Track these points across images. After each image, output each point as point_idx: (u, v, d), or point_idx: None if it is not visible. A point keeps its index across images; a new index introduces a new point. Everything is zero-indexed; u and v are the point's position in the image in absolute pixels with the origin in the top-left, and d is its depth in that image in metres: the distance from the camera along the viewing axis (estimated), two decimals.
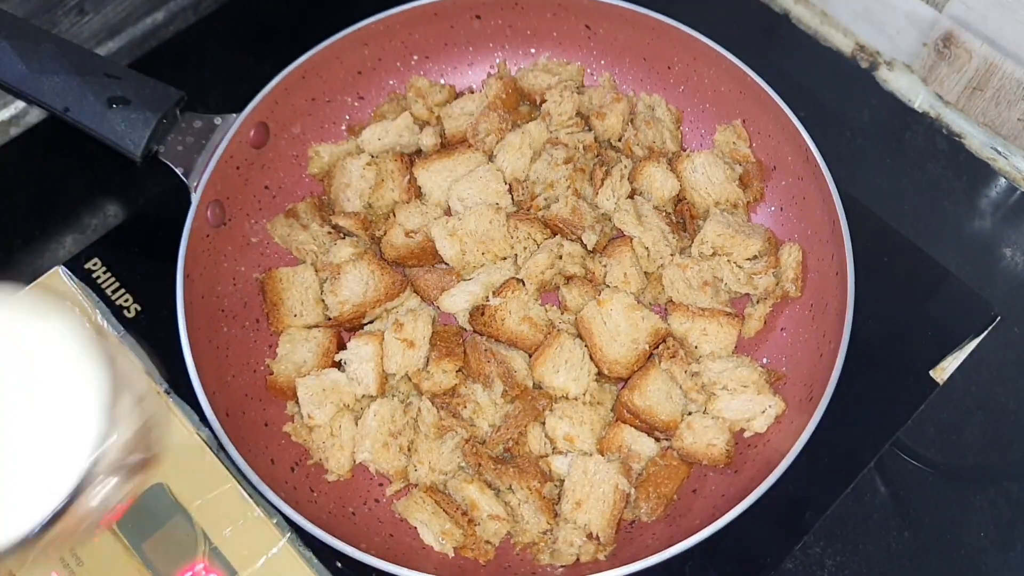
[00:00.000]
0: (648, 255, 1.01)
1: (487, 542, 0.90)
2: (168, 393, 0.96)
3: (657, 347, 0.96)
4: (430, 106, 1.10)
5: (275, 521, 0.90)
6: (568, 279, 1.00)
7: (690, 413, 0.94)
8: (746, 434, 0.93)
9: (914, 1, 1.14)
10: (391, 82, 1.14)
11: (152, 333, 0.99)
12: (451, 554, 0.89)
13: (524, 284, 0.97)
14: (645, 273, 1.01)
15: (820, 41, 1.28)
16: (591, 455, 0.90)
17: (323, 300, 0.99)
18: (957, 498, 1.02)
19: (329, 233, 1.03)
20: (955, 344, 1.03)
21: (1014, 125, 1.14)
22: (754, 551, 0.94)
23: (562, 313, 0.99)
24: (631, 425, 0.93)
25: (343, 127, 1.12)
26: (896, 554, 0.99)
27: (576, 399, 0.94)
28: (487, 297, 0.96)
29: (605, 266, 1.00)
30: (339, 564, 0.89)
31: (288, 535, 0.90)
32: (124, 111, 0.95)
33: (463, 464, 0.93)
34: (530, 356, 0.96)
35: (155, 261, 0.92)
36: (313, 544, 0.90)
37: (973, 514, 1.01)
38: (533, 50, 1.16)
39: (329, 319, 0.99)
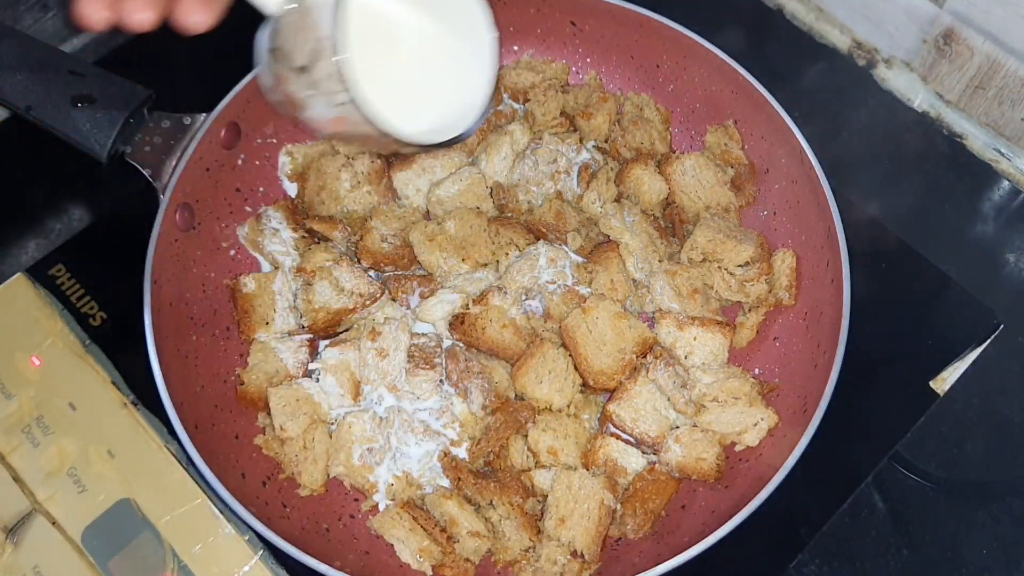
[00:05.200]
0: (635, 261, 0.99)
1: (467, 560, 0.88)
2: (135, 405, 0.95)
3: (645, 357, 0.94)
4: None
5: (247, 538, 0.90)
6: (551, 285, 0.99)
7: (679, 426, 0.92)
8: (737, 448, 0.92)
9: None
10: None
11: (118, 342, 0.98)
12: (429, 572, 0.87)
13: (505, 291, 0.96)
14: (632, 280, 1.00)
15: (816, 38, 1.28)
16: (575, 469, 0.89)
17: (296, 307, 0.98)
18: (958, 514, 1.02)
19: (303, 238, 1.02)
20: (956, 353, 1.02)
21: (1017, 125, 1.14)
22: (746, 569, 0.93)
23: (545, 321, 0.98)
24: (617, 438, 0.92)
25: None
26: (895, 572, 0.99)
27: (560, 411, 0.93)
28: (467, 305, 0.95)
29: (591, 272, 0.98)
30: None
31: (260, 552, 0.89)
32: (89, 110, 0.93)
33: (444, 478, 0.92)
34: (512, 366, 0.95)
35: (122, 267, 0.92)
36: (286, 562, 0.89)
37: (975, 531, 1.00)
38: (516, 47, 1.15)
39: (302, 327, 0.98)
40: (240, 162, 1.03)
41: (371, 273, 0.99)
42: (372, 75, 0.68)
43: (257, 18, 0.71)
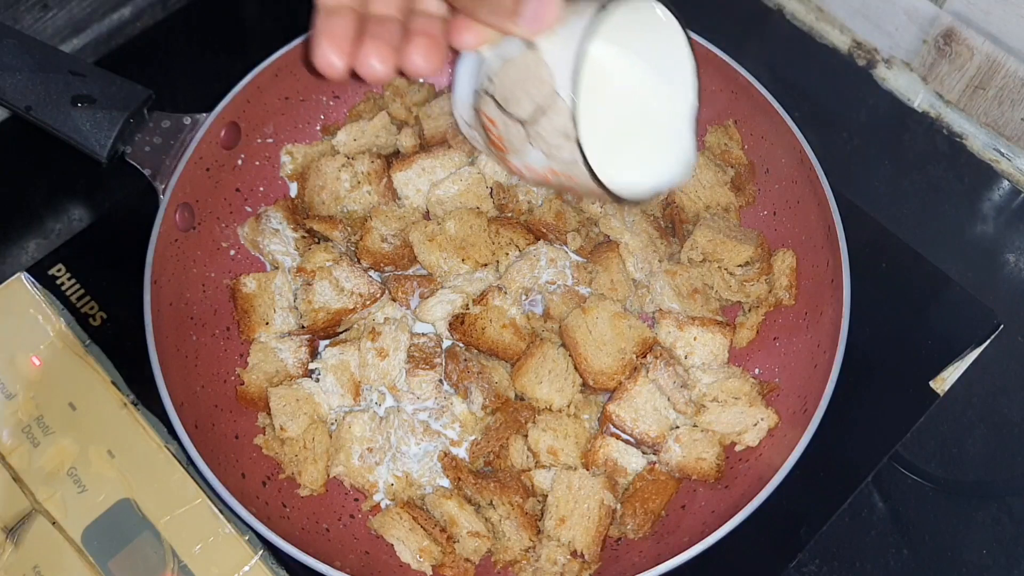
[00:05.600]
0: (635, 261, 0.99)
1: (467, 560, 0.88)
2: (135, 405, 0.94)
3: (644, 357, 0.94)
4: (408, 105, 1.08)
5: (247, 538, 0.89)
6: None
7: (679, 426, 0.92)
8: (737, 448, 0.92)
9: None
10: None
11: (118, 342, 0.98)
12: (429, 572, 0.87)
13: (505, 292, 0.96)
14: (632, 280, 1.00)
15: (815, 38, 1.27)
16: (575, 469, 0.89)
17: (296, 307, 0.98)
18: (958, 514, 1.01)
19: (303, 238, 1.01)
20: (956, 354, 1.01)
21: (1018, 125, 1.13)
22: (746, 569, 0.93)
23: (545, 321, 0.97)
24: (617, 438, 0.92)
25: (318, 127, 1.10)
26: (894, 572, 0.99)
27: (560, 411, 0.93)
28: (467, 305, 0.95)
29: (591, 272, 0.98)
30: None
31: (260, 552, 0.89)
32: (89, 110, 0.93)
33: (444, 478, 0.92)
34: (512, 366, 0.95)
35: (122, 267, 0.92)
36: (286, 562, 0.88)
37: (975, 531, 1.00)
38: None
39: (302, 327, 0.98)
40: (240, 162, 1.03)
41: (371, 273, 0.99)
42: (597, 134, 0.66)
43: (248, 17, 0.70)
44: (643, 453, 0.92)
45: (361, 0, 0.67)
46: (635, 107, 0.75)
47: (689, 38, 0.73)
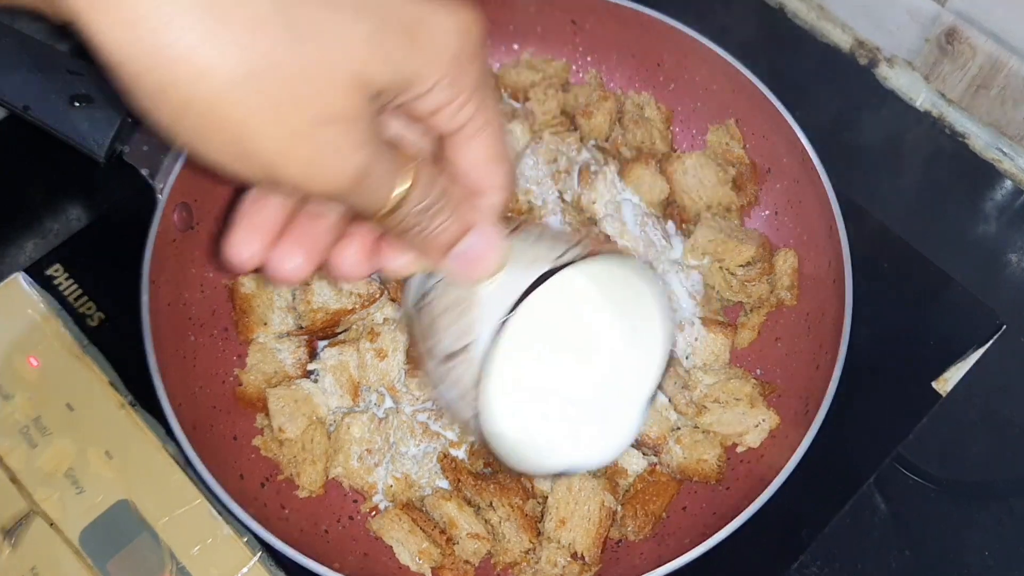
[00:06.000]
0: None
1: (466, 562, 0.88)
2: (133, 406, 0.94)
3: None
4: None
5: (245, 540, 0.89)
6: None
7: (679, 427, 0.92)
8: (739, 449, 0.92)
9: None
10: None
11: (117, 343, 0.97)
12: (428, 574, 0.87)
13: None
14: None
15: (817, 36, 1.27)
16: None
17: (295, 308, 0.97)
18: (960, 515, 1.01)
19: None
20: (958, 354, 1.01)
21: (1020, 125, 1.13)
22: (747, 571, 0.93)
23: None
24: None
25: None
26: (896, 573, 0.98)
27: None
28: None
29: None
30: None
31: (259, 554, 0.88)
32: (87, 109, 0.93)
33: (444, 479, 0.92)
34: None
35: (119, 267, 0.91)
36: (285, 563, 0.88)
37: (977, 532, 1.00)
38: (516, 46, 1.14)
39: (301, 328, 0.97)
40: None
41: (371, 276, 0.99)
42: (507, 388, 0.62)
43: None
44: (644, 454, 0.91)
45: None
46: (567, 385, 0.68)
47: (670, 313, 0.66)
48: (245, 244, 0.54)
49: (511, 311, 0.54)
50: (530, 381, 0.67)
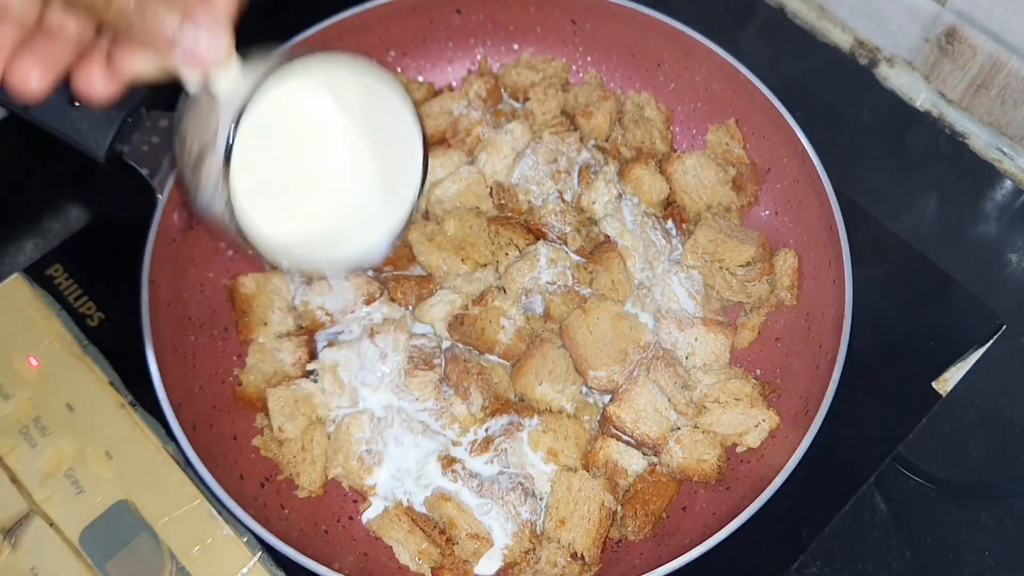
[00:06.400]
0: (636, 262, 0.99)
1: (466, 562, 0.88)
2: (133, 406, 0.94)
3: (646, 358, 0.93)
4: None
5: (245, 540, 0.89)
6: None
7: (679, 427, 0.92)
8: (739, 449, 0.92)
9: None
10: None
11: (116, 343, 0.97)
12: (428, 574, 0.87)
13: (505, 292, 0.95)
14: (633, 280, 0.99)
15: (817, 36, 1.27)
16: (576, 471, 0.89)
17: (294, 308, 0.97)
18: (960, 515, 1.01)
19: None
20: (958, 354, 1.01)
21: (1020, 125, 1.13)
22: (748, 571, 0.92)
23: (545, 322, 0.97)
24: (618, 439, 0.91)
25: None
26: (897, 573, 0.98)
27: (560, 412, 0.92)
28: (467, 306, 0.94)
29: (592, 273, 0.98)
30: None
31: (259, 554, 0.89)
32: (87, 109, 0.92)
33: (443, 479, 0.91)
34: (512, 367, 0.94)
35: (119, 267, 0.91)
36: (285, 563, 0.88)
37: (977, 532, 1.00)
38: (516, 46, 1.14)
39: (301, 327, 0.97)
40: None
41: (370, 273, 0.98)
42: (257, 187, 0.65)
43: (245, 16, 0.68)
44: (644, 454, 0.91)
45: (33, 12, 0.60)
46: (312, 167, 0.72)
47: (418, 118, 0.72)
48: None
49: (245, 103, 0.59)
50: (275, 175, 0.70)
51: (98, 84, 0.61)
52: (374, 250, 0.76)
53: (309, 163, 0.73)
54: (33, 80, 0.59)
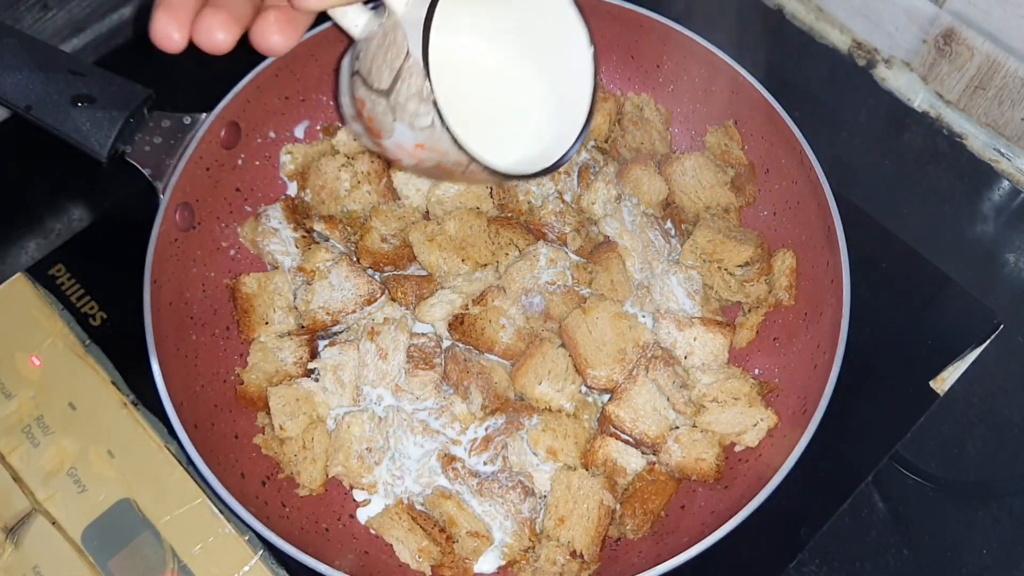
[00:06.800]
0: (635, 262, 0.99)
1: (466, 560, 0.88)
2: (135, 405, 0.94)
3: (645, 357, 0.93)
4: None
5: (247, 538, 0.89)
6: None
7: (678, 426, 0.92)
8: (737, 448, 0.92)
9: None
10: None
11: (119, 342, 0.98)
12: (428, 572, 0.87)
13: (505, 292, 0.95)
14: (632, 280, 0.99)
15: (815, 38, 1.27)
16: (575, 469, 0.89)
17: (296, 307, 0.97)
18: (958, 514, 1.01)
19: (303, 237, 1.01)
20: (956, 354, 1.01)
21: (1018, 125, 1.13)
22: (746, 569, 0.93)
23: (545, 322, 0.97)
24: (617, 438, 0.91)
25: (318, 127, 1.10)
26: (895, 572, 0.98)
27: (560, 411, 0.92)
28: (467, 305, 0.94)
29: (591, 273, 0.98)
30: None
31: (260, 552, 0.89)
32: (89, 110, 0.93)
33: (443, 478, 0.91)
34: (512, 366, 0.94)
35: (121, 267, 0.91)
36: (286, 562, 0.88)
37: (975, 531, 1.00)
38: None
39: (302, 327, 0.97)
40: (240, 162, 1.02)
41: (371, 273, 0.98)
42: (458, 99, 0.65)
43: None
44: (643, 453, 0.91)
45: None
46: (504, 73, 0.73)
47: (577, 4, 0.71)
48: (170, 25, 0.62)
49: (431, 12, 0.60)
50: (477, 77, 0.71)
51: (287, 35, 0.64)
52: (563, 145, 0.74)
53: (494, 65, 0.73)
54: (218, 36, 0.62)
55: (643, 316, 0.99)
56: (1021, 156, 1.16)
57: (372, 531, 0.90)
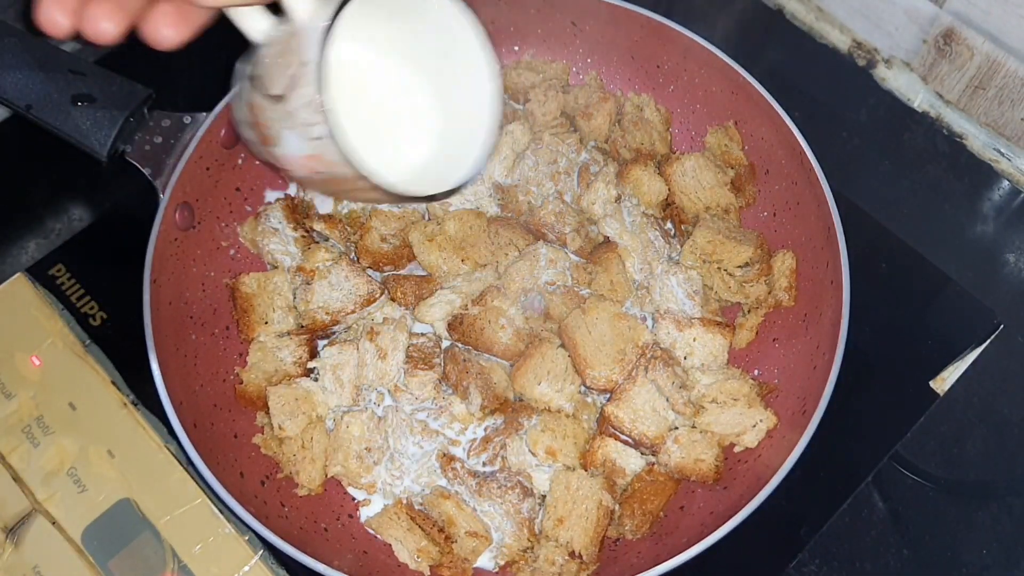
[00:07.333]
0: (635, 262, 0.99)
1: (465, 560, 0.88)
2: (135, 405, 0.94)
3: (644, 358, 0.93)
4: None
5: (247, 538, 0.89)
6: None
7: (677, 427, 0.91)
8: (736, 449, 0.91)
9: None
10: None
11: (119, 342, 0.98)
12: (427, 572, 0.87)
13: (505, 292, 0.95)
14: (632, 281, 0.99)
15: (815, 38, 1.27)
16: (574, 470, 0.89)
17: (295, 307, 0.97)
18: (958, 514, 1.01)
19: (303, 237, 1.01)
20: (956, 354, 1.01)
21: (1017, 125, 1.13)
22: (746, 570, 0.93)
23: (545, 322, 0.97)
24: (616, 439, 0.91)
25: None
26: (895, 572, 0.98)
27: (559, 411, 0.92)
28: (466, 305, 0.94)
29: (591, 273, 0.98)
30: None
31: (260, 552, 0.89)
32: (89, 109, 0.93)
33: (442, 478, 0.92)
34: (511, 366, 0.94)
35: (121, 267, 0.91)
36: (286, 562, 0.88)
37: (975, 531, 0.99)
38: (516, 47, 1.14)
39: (302, 326, 0.97)
40: (240, 161, 1.02)
41: (370, 273, 0.98)
42: (354, 110, 0.65)
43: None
44: (642, 454, 0.91)
45: None
46: (405, 88, 0.72)
47: (479, 31, 0.70)
48: (55, 10, 0.60)
49: (331, 24, 0.59)
50: (372, 84, 0.70)
51: (171, 28, 0.62)
52: (461, 169, 0.74)
53: (395, 79, 0.73)
54: (103, 25, 0.61)
55: (643, 316, 0.99)
56: (1021, 156, 1.16)
57: (371, 531, 0.90)
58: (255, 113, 0.65)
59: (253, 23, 0.65)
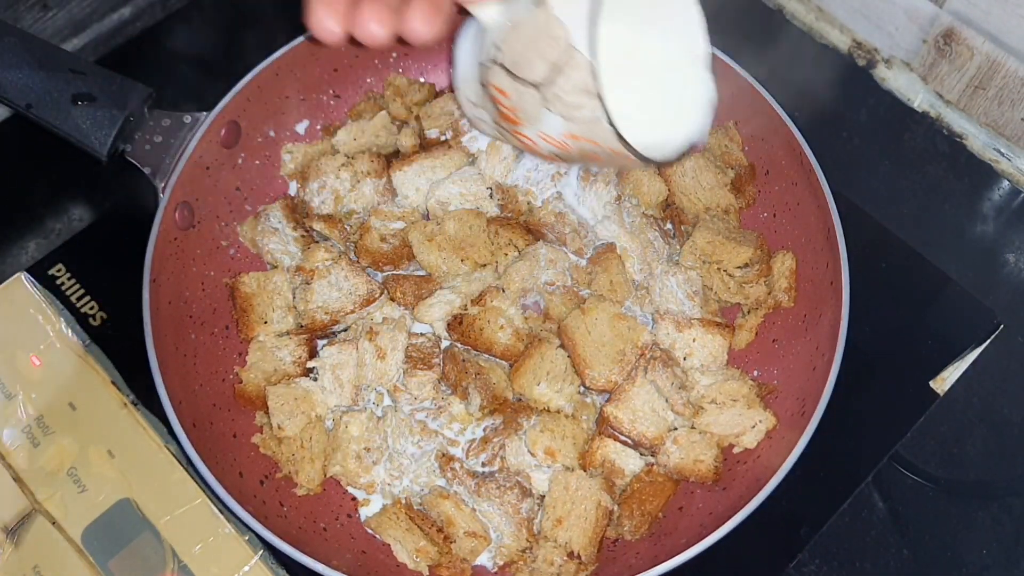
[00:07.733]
0: (635, 263, 0.99)
1: (463, 560, 0.88)
2: (135, 405, 0.94)
3: (643, 358, 0.93)
4: (408, 105, 1.08)
5: (247, 538, 0.89)
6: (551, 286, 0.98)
7: (677, 428, 0.91)
8: (735, 450, 0.91)
9: None
10: (368, 80, 1.12)
11: (119, 342, 0.97)
12: (426, 572, 0.87)
13: (504, 292, 0.95)
14: (632, 281, 0.99)
15: (815, 38, 1.27)
16: (573, 470, 0.88)
17: (295, 306, 0.97)
18: (958, 514, 1.01)
19: (302, 236, 1.01)
20: (956, 354, 1.01)
21: (1018, 125, 1.13)
22: (746, 570, 0.93)
23: (544, 322, 0.97)
24: (615, 439, 0.91)
25: (318, 126, 1.10)
26: (895, 572, 0.98)
27: (558, 412, 0.92)
28: (466, 306, 0.94)
29: (590, 273, 0.98)
30: None
31: (260, 552, 0.88)
32: (89, 108, 0.93)
33: (441, 478, 0.92)
34: (511, 367, 0.94)
35: (121, 266, 0.91)
36: (286, 562, 0.88)
37: (975, 531, 1.00)
38: None
39: (301, 326, 0.97)
40: (240, 161, 1.02)
41: (370, 273, 0.98)
42: (616, 89, 0.65)
43: (249, 16, 0.69)
44: (641, 454, 0.91)
45: None
46: (652, 60, 0.74)
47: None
48: (329, 19, 0.64)
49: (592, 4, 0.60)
50: (631, 65, 0.72)
51: (432, 25, 0.66)
52: (708, 103, 0.76)
53: (644, 50, 0.74)
54: (374, 30, 0.65)
55: (642, 317, 0.99)
56: (1021, 156, 1.16)
57: (370, 531, 0.90)
58: (501, 95, 0.67)
59: (489, 9, 0.67)
